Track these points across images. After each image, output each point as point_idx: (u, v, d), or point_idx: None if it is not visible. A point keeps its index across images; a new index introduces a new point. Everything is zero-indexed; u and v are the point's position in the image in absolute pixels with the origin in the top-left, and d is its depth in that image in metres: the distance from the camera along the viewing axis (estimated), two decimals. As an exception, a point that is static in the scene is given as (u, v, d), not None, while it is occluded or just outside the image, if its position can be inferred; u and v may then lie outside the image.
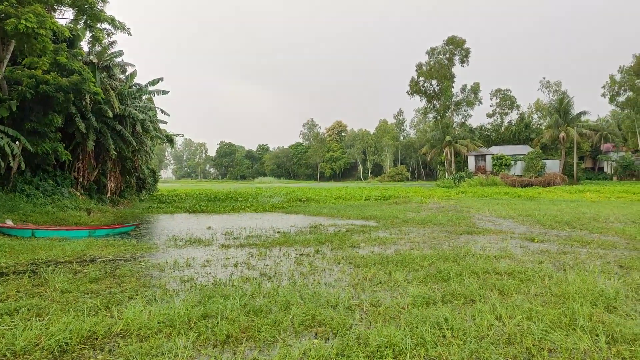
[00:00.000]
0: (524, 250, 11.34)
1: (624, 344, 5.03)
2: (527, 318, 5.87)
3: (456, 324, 5.64)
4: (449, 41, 77.06)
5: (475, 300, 6.77)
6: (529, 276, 8.23)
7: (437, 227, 16.35)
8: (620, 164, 73.52)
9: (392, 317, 6.10)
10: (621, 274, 8.43)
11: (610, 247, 11.86)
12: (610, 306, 6.36)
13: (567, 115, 69.97)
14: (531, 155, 64.32)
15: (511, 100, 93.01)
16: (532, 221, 17.93)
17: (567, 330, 5.42)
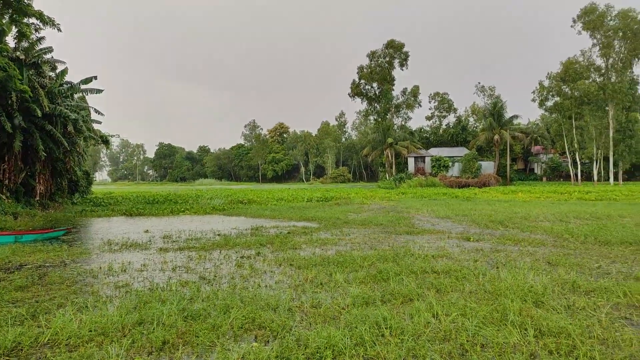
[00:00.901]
0: (460, 250, 11.67)
1: (550, 336, 5.27)
2: (462, 315, 6.03)
3: (394, 322, 5.73)
4: (388, 45, 78.60)
5: (413, 299, 6.90)
6: (464, 274, 8.48)
7: (377, 227, 16.60)
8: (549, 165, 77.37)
9: (332, 317, 6.13)
10: (549, 270, 8.83)
11: (539, 244, 12.41)
12: (539, 301, 6.65)
13: (500, 118, 72.96)
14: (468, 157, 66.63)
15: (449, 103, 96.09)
16: (468, 221, 18.51)
17: (499, 326, 5.61)
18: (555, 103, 64.84)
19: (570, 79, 61.52)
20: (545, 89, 64.95)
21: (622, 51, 60.24)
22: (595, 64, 63.11)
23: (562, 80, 62.40)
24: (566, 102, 62.19)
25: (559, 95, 63.85)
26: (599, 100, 60.48)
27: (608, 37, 60.05)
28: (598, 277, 8.29)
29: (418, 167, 72.90)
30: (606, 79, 61.62)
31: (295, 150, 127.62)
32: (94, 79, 28.05)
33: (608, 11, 60.16)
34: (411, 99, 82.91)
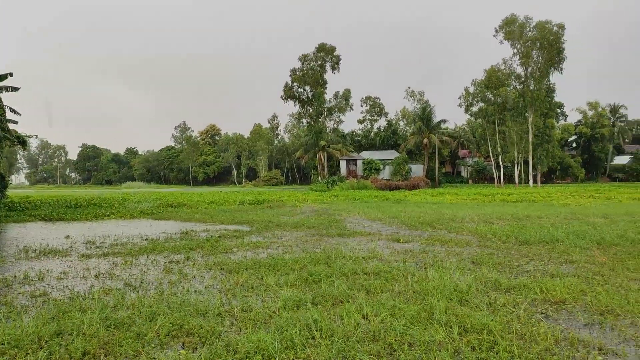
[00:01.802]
0: (390, 251, 11.90)
1: (473, 333, 5.46)
2: (391, 315, 6.13)
3: (325, 324, 5.74)
4: (319, 48, 79.15)
5: (344, 300, 6.95)
6: (394, 275, 8.64)
7: (309, 230, 16.65)
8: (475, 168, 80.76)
9: (262, 321, 6.07)
10: (473, 270, 9.17)
11: (465, 245, 12.88)
12: (463, 299, 6.88)
13: (429, 123, 75.41)
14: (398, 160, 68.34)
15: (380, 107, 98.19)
16: (398, 223, 18.94)
17: (426, 324, 5.75)
18: (479, 109, 67.84)
19: (493, 86, 64.56)
20: (470, 95, 67.80)
21: (540, 61, 63.88)
22: (515, 72, 66.62)
23: (486, 87, 65.38)
24: (490, 107, 65.19)
25: (483, 101, 66.87)
26: (520, 107, 63.82)
27: (527, 47, 63.52)
28: (518, 275, 8.69)
29: (350, 170, 73.96)
30: (526, 86, 65.13)
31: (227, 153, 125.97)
32: (9, 75, 26.44)
33: (527, 22, 63.67)
34: (343, 103, 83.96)
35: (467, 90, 67.92)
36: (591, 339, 5.39)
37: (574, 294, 7.16)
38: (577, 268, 9.38)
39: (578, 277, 8.45)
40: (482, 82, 65.99)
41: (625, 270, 9.09)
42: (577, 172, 77.25)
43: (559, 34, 62.42)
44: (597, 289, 7.46)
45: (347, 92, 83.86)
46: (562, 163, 75.41)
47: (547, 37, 61.93)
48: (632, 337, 5.46)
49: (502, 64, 66.83)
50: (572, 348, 5.13)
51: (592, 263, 9.83)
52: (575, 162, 78.70)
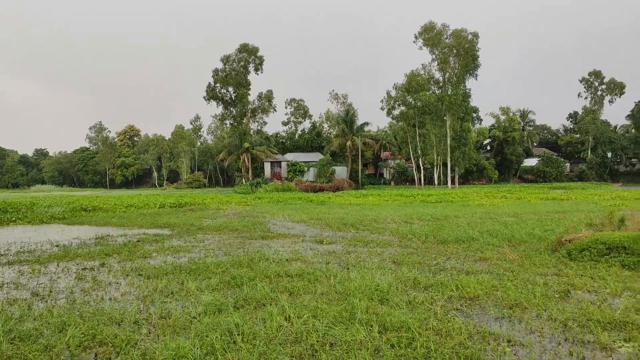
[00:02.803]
0: (314, 252, 11.95)
1: (393, 331, 5.59)
2: (313, 316, 6.16)
3: (247, 328, 5.68)
4: (242, 48, 78.22)
5: (267, 303, 6.91)
6: (316, 276, 8.69)
7: (233, 233, 16.42)
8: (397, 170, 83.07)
9: (182, 327, 5.91)
10: (394, 269, 9.40)
11: (387, 245, 13.18)
12: (384, 298, 7.04)
13: (352, 125, 76.80)
14: (322, 162, 68.99)
15: (304, 109, 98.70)
16: (322, 224, 19.08)
17: (347, 324, 5.82)
18: (401, 112, 69.85)
19: (413, 90, 66.73)
20: (392, 99, 69.66)
21: (456, 67, 66.84)
22: (434, 77, 69.26)
23: (407, 91, 67.47)
24: (410, 111, 67.30)
25: (404, 104, 68.92)
26: (438, 111, 66.36)
27: (444, 53, 66.26)
28: (436, 273, 9.00)
29: (274, 172, 73.78)
30: (444, 91, 67.90)
31: (147, 155, 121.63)
32: None
33: (444, 30, 66.42)
34: (266, 104, 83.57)
35: (389, 94, 69.81)
36: (501, 331, 5.67)
37: (486, 290, 7.51)
38: (490, 265, 9.86)
39: (490, 273, 8.87)
40: (403, 86, 68.06)
41: (533, 266, 9.66)
42: (491, 173, 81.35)
43: (474, 41, 65.62)
44: (507, 285, 7.87)
45: (269, 94, 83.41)
46: (478, 165, 79.18)
47: (463, 44, 64.93)
48: (537, 329, 5.80)
49: (422, 69, 69.30)
50: (483, 341, 5.37)
51: (504, 260, 10.36)
52: (490, 164, 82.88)
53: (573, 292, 7.54)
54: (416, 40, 67.80)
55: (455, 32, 65.65)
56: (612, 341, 5.34)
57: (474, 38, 65.62)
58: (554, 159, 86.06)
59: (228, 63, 78.52)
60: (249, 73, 79.48)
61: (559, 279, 8.47)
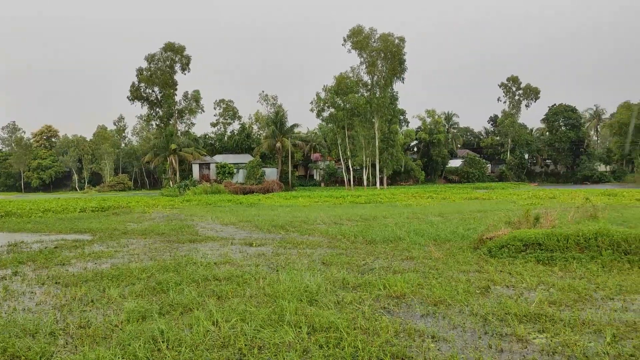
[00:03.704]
0: (243, 255, 11.82)
1: (321, 332, 5.60)
2: (241, 320, 6.07)
3: (172, 335, 5.51)
4: (167, 47, 76.10)
5: (194, 308, 6.74)
6: (245, 279, 8.59)
7: (159, 237, 15.92)
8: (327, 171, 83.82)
9: (103, 337, 5.65)
10: (323, 270, 9.45)
11: (316, 246, 13.24)
12: (313, 299, 7.05)
13: (282, 127, 76.80)
14: (252, 164, 68.46)
15: (233, 110, 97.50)
16: (252, 226, 18.91)
17: (276, 327, 5.78)
18: (330, 114, 70.59)
19: (342, 92, 67.67)
20: (321, 101, 70.29)
21: (384, 70, 68.46)
22: (363, 80, 70.63)
23: (336, 93, 68.31)
24: (339, 113, 68.15)
25: (333, 106, 69.71)
26: (367, 113, 67.64)
27: (372, 57, 67.70)
28: (364, 273, 9.13)
29: (203, 174, 72.41)
30: (372, 94, 69.33)
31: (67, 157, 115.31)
32: None
33: (372, 34, 67.87)
34: (193, 105, 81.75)
35: (319, 96, 70.40)
36: (426, 328, 5.83)
37: (412, 288, 7.71)
38: (416, 264, 10.13)
39: (417, 272, 9.12)
40: (332, 88, 68.85)
41: (456, 263, 10.03)
42: (418, 174, 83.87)
43: (401, 46, 67.50)
44: (432, 282, 8.11)
45: (196, 94, 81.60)
46: (405, 166, 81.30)
47: (390, 48, 66.62)
48: (460, 324, 6.01)
49: (351, 71, 70.45)
50: (409, 338, 5.50)
51: (429, 258, 10.68)
52: (417, 165, 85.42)
53: (493, 288, 7.89)
54: (345, 43, 68.86)
55: (382, 36, 67.23)
56: (528, 333, 5.63)
57: (400, 42, 67.47)
58: (476, 161, 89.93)
59: (153, 62, 76.10)
60: (176, 73, 77.44)
61: (480, 275, 8.84)
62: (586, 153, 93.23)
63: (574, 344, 5.19)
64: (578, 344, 5.16)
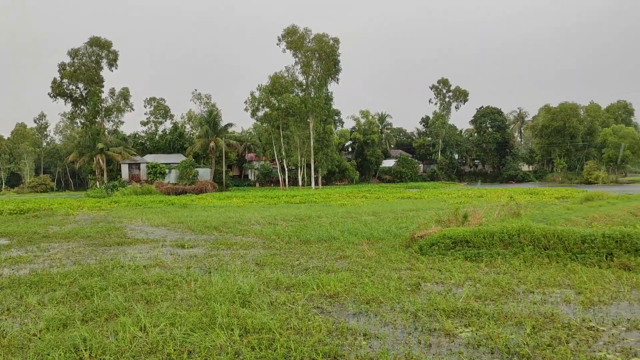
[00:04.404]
0: (174, 257, 11.52)
1: (254, 333, 5.52)
2: (171, 324, 5.87)
3: (96, 342, 5.25)
4: (92, 42, 72.73)
5: (120, 314, 6.46)
6: (176, 282, 8.36)
7: (84, 240, 15.21)
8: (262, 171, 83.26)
9: (19, 347, 5.31)
10: (256, 271, 9.35)
11: (250, 247, 13.11)
12: (246, 301, 6.94)
13: (216, 126, 75.55)
14: (184, 164, 66.86)
15: (165, 109, 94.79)
16: (184, 228, 18.47)
17: (207, 330, 5.64)
18: (265, 113, 70.22)
19: (277, 92, 67.48)
20: (256, 100, 69.78)
21: (319, 70, 68.88)
22: (298, 80, 70.75)
23: (270, 92, 68.02)
24: (274, 113, 67.95)
25: (268, 106, 69.38)
26: (302, 113, 67.81)
27: (307, 57, 67.93)
28: (298, 273, 9.12)
29: (133, 175, 69.92)
30: (307, 94, 69.58)
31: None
32: None
33: (307, 34, 68.15)
34: (122, 102, 78.74)
35: (253, 95, 69.85)
36: (358, 326, 5.87)
37: (345, 287, 7.76)
38: (350, 263, 10.23)
39: (350, 271, 9.20)
40: (267, 87, 68.50)
41: (389, 261, 10.20)
42: (353, 174, 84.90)
43: (335, 46, 68.19)
44: (365, 281, 8.20)
45: (125, 91, 78.56)
46: (340, 166, 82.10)
47: (325, 49, 67.12)
48: (391, 321, 6.10)
49: (286, 71, 70.41)
50: (342, 337, 5.52)
51: (362, 257, 10.81)
52: (351, 165, 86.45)
53: (423, 285, 8.08)
54: (279, 43, 68.76)
55: (317, 36, 67.64)
56: (455, 327, 5.79)
57: (335, 43, 68.15)
58: (409, 161, 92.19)
59: (77, 57, 72.56)
60: (102, 69, 74.22)
61: (412, 272, 9.03)
62: (511, 154, 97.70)
63: (497, 336, 5.38)
64: (501, 336, 5.36)
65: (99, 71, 73.70)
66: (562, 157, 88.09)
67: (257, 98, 69.56)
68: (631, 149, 79.55)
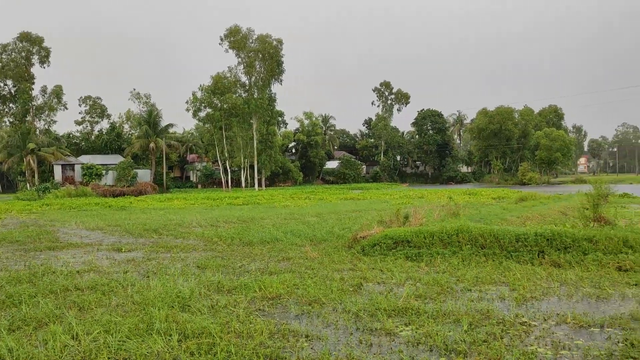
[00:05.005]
0: (110, 262, 11.11)
1: (193, 338, 5.38)
2: (105, 331, 5.64)
3: (23, 352, 4.97)
4: (22, 37, 69.09)
5: (50, 322, 6.14)
6: (112, 287, 8.06)
7: (12, 245, 14.38)
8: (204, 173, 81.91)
9: (-64, 362, 4.94)
10: (197, 274, 9.16)
11: (191, 249, 12.83)
12: (185, 305, 6.78)
13: (156, 126, 73.57)
14: (123, 165, 64.82)
15: (102, 108, 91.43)
16: (121, 231, 17.86)
17: (144, 336, 5.45)
18: (207, 114, 69.01)
19: (220, 92, 66.52)
20: (198, 100, 68.49)
21: (262, 71, 68.44)
22: (240, 80, 70.00)
23: (213, 92, 66.96)
24: (217, 113, 66.91)
25: (210, 106, 68.25)
26: (245, 114, 67.16)
27: (250, 57, 67.35)
28: (240, 275, 9.00)
29: (67, 176, 66.99)
30: (250, 94, 68.97)
31: None
32: None
33: (249, 34, 67.55)
34: (54, 101, 75.28)
35: (195, 95, 68.48)
36: (300, 328, 5.85)
37: (288, 289, 7.72)
38: (293, 264, 10.20)
39: (293, 272, 9.16)
40: (209, 87, 67.41)
41: (331, 262, 10.25)
42: (296, 175, 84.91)
43: (279, 47, 67.93)
44: (308, 282, 8.19)
45: (58, 89, 75.10)
46: (284, 167, 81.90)
47: (268, 49, 66.76)
48: (333, 322, 6.11)
49: (229, 71, 69.52)
50: (283, 339, 5.47)
51: (305, 259, 10.80)
52: (295, 167, 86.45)
53: (365, 285, 8.15)
54: (222, 43, 67.82)
55: (260, 37, 67.20)
56: (395, 326, 5.87)
57: (278, 44, 67.90)
58: (352, 162, 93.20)
59: (5, 53, 68.81)
60: (33, 65, 70.67)
61: (354, 273, 9.10)
62: (451, 155, 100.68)
63: (436, 334, 5.50)
64: (439, 334, 5.48)
65: (29, 68, 70.15)
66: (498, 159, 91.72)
67: (199, 98, 68.28)
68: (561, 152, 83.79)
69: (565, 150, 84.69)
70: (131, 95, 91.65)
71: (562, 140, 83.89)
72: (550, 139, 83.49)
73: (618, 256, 9.36)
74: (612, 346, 5.12)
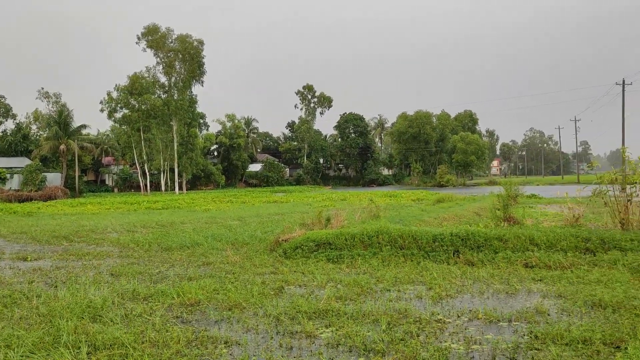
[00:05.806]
0: (14, 272, 10.37)
1: (104, 350, 5.10)
2: (6, 346, 5.23)
3: None
4: None
5: (-58, 339, 5.61)
6: (15, 299, 7.51)
7: None
8: (121, 176, 78.76)
9: None
10: (111, 282, 8.73)
11: (105, 256, 12.24)
12: (97, 315, 6.43)
13: (67, 127, 69.74)
14: (30, 169, 60.97)
15: (6, 108, 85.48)
16: (27, 238, 16.73)
17: (50, 350, 5.10)
18: (124, 115, 66.39)
19: (137, 92, 64.24)
20: (113, 100, 65.75)
21: (182, 72, 66.80)
22: (160, 81, 67.94)
23: (130, 93, 64.54)
24: (134, 114, 64.57)
25: (127, 107, 65.72)
26: (165, 115, 65.26)
27: (170, 57, 65.54)
28: (157, 282, 8.67)
29: (-33, 180, 62.11)
30: (170, 95, 67.08)
31: None
32: None
33: (169, 34, 65.77)
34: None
35: (110, 96, 65.66)
36: (219, 334, 5.70)
37: (208, 294, 7.52)
38: (213, 269, 9.97)
39: (213, 277, 8.96)
40: (125, 87, 64.89)
41: (253, 266, 10.13)
42: (218, 178, 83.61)
43: (199, 48, 66.63)
44: (228, 287, 8.02)
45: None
46: (205, 170, 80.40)
47: (189, 49, 65.31)
48: (253, 326, 6.01)
49: (147, 71, 67.31)
50: (202, 346, 5.31)
51: (227, 263, 10.61)
52: (217, 170, 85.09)
53: (287, 288, 8.11)
54: (139, 42, 65.59)
55: (180, 37, 65.63)
56: (316, 329, 5.86)
57: (199, 45, 66.62)
58: (275, 165, 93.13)
59: None
60: None
61: (275, 276, 9.03)
62: (372, 158, 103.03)
63: (355, 334, 5.55)
64: (359, 334, 5.54)
65: None
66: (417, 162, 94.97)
67: (115, 98, 65.56)
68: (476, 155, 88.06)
69: (479, 154, 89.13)
70: (39, 94, 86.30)
71: (476, 144, 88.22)
72: (466, 143, 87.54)
73: (525, 253, 9.91)
74: (519, 339, 5.38)
